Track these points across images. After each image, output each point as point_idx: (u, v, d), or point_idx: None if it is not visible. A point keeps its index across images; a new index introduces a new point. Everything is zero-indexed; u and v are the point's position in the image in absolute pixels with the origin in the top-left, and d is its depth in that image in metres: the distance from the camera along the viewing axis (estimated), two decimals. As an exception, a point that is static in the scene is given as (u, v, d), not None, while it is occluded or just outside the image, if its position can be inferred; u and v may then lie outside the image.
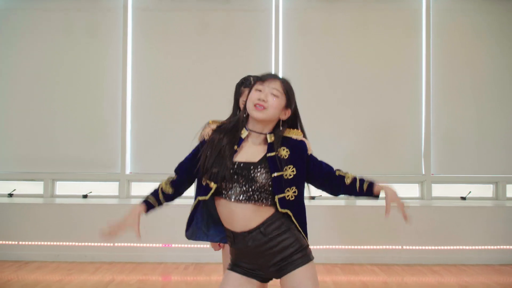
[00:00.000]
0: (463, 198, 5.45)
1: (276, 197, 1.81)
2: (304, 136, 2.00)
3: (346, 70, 5.63)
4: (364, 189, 1.95)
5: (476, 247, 4.90)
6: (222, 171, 1.81)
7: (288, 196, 1.84)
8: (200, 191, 1.88)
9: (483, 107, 5.64)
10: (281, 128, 1.93)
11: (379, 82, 5.63)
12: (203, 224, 1.98)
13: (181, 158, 4.61)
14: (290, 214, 1.84)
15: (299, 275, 1.78)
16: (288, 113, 1.94)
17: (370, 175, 5.05)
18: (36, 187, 5.57)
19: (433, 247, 4.89)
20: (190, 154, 2.02)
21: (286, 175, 1.83)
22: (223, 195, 1.83)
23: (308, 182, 1.97)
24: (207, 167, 1.84)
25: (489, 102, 5.64)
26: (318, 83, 5.62)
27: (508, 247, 4.87)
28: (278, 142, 1.88)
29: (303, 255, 1.83)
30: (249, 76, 2.46)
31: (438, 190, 5.58)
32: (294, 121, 2.00)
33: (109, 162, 5.58)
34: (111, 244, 4.79)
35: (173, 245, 4.88)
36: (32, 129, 5.62)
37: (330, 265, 4.75)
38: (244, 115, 1.92)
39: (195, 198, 1.92)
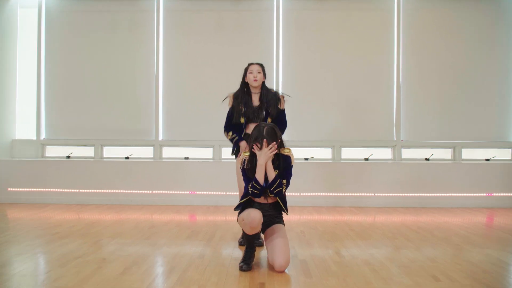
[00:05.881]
0: (427, 160, 6.38)
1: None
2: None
3: (334, 57, 6.50)
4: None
5: (433, 194, 5.90)
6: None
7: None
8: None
9: (443, 84, 6.46)
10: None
11: (360, 66, 6.49)
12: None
13: (203, 127, 6.23)
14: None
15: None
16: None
17: (351, 141, 6.15)
18: (88, 151, 6.58)
19: (398, 194, 5.90)
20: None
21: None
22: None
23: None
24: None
25: (448, 80, 6.46)
26: (311, 68, 6.50)
27: (458, 194, 5.90)
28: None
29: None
30: (249, 64, 3.89)
31: (407, 153, 6.48)
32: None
33: (145, 131, 6.54)
34: (150, 192, 5.96)
35: (197, 192, 5.97)
36: (85, 104, 6.57)
37: (318, 207, 5.82)
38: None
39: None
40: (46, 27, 6.67)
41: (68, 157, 6.52)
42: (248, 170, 3.18)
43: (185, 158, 6.48)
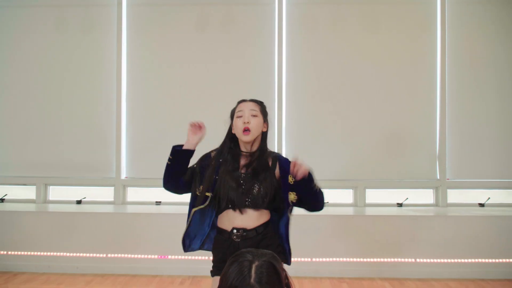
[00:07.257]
0: (481, 205, 5.06)
1: None
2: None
3: (355, 67, 5.24)
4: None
5: (496, 260, 4.49)
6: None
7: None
8: None
9: (503, 106, 5.23)
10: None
11: (390, 80, 5.24)
12: None
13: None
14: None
15: None
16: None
17: (381, 180, 4.91)
18: (28, 192, 5.26)
19: (448, 260, 4.49)
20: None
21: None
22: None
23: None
24: None
25: (510, 101, 5.23)
26: (325, 83, 5.24)
27: (530, 259, 4.43)
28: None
29: None
30: (240, 101, 2.42)
31: (454, 196, 5.22)
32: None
33: (104, 166, 5.24)
34: (104, 255, 4.47)
35: (169, 257, 4.51)
36: (24, 131, 5.33)
37: (336, 279, 4.36)
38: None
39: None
40: (-27, 28, 5.40)
41: (2, 200, 5.18)
42: None
43: (157, 202, 5.12)
